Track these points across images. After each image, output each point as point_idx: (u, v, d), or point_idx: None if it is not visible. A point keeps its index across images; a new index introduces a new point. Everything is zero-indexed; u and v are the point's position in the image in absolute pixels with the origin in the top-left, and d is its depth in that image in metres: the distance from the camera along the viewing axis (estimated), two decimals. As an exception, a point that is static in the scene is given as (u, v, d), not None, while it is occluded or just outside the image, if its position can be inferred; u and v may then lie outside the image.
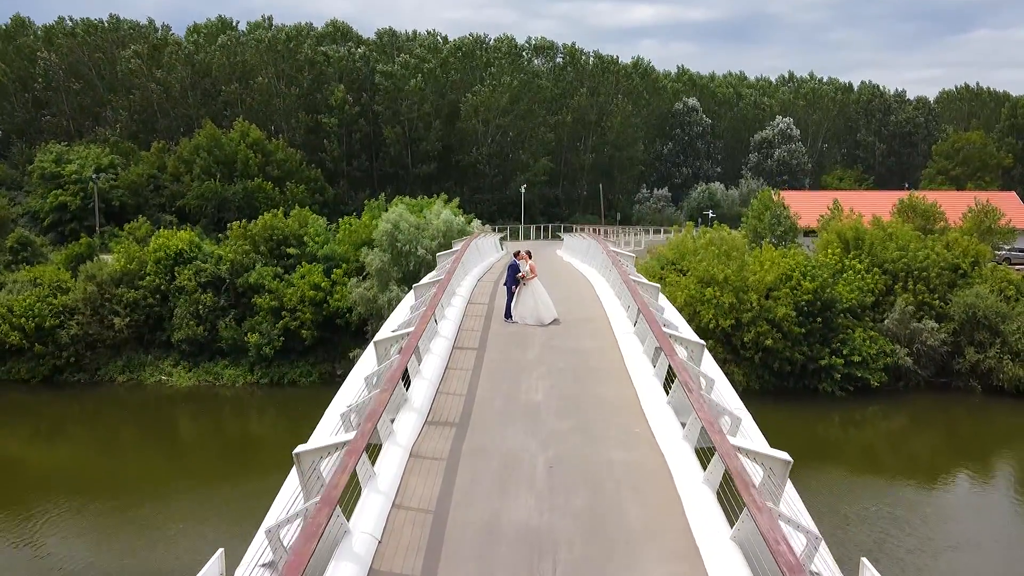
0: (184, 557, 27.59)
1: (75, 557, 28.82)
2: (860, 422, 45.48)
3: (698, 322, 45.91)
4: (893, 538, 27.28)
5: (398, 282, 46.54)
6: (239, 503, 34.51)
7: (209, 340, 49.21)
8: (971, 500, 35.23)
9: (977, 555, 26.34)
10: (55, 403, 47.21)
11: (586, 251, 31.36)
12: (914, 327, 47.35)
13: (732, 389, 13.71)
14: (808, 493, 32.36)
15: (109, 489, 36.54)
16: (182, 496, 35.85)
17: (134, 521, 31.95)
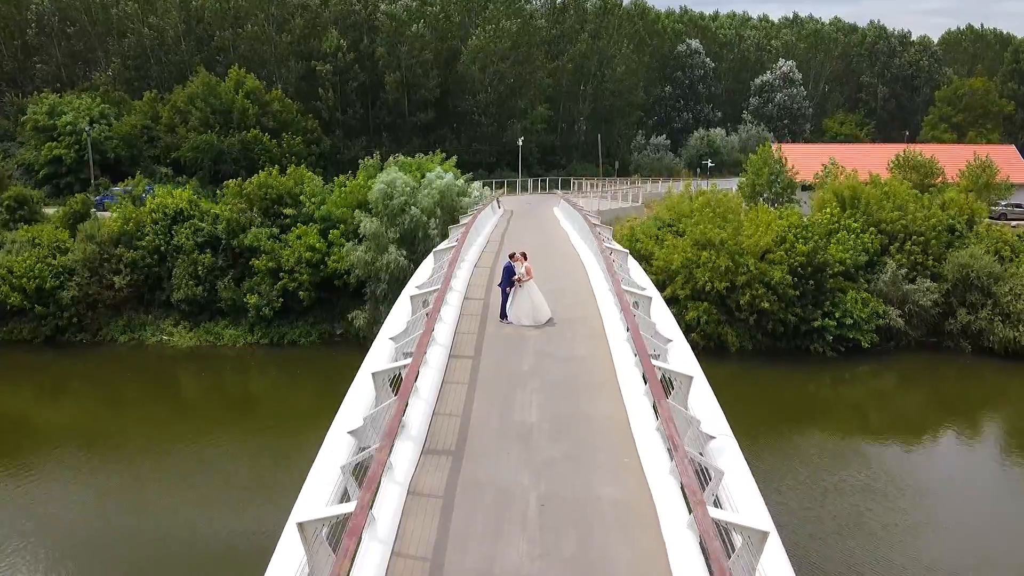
0: (183, 509, 29.16)
1: (79, 508, 30.22)
2: (850, 381, 46.35)
3: (693, 284, 46.49)
4: (870, 512, 28.23)
5: (396, 243, 46.70)
6: (242, 458, 35.92)
7: (209, 300, 49.60)
8: (953, 464, 36.32)
9: (951, 534, 27.33)
10: (58, 363, 47.88)
11: (581, 226, 31.65)
12: (907, 288, 47.83)
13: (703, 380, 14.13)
14: (794, 461, 33.75)
15: (113, 444, 37.74)
16: (185, 451, 36.85)
17: (138, 476, 33.22)
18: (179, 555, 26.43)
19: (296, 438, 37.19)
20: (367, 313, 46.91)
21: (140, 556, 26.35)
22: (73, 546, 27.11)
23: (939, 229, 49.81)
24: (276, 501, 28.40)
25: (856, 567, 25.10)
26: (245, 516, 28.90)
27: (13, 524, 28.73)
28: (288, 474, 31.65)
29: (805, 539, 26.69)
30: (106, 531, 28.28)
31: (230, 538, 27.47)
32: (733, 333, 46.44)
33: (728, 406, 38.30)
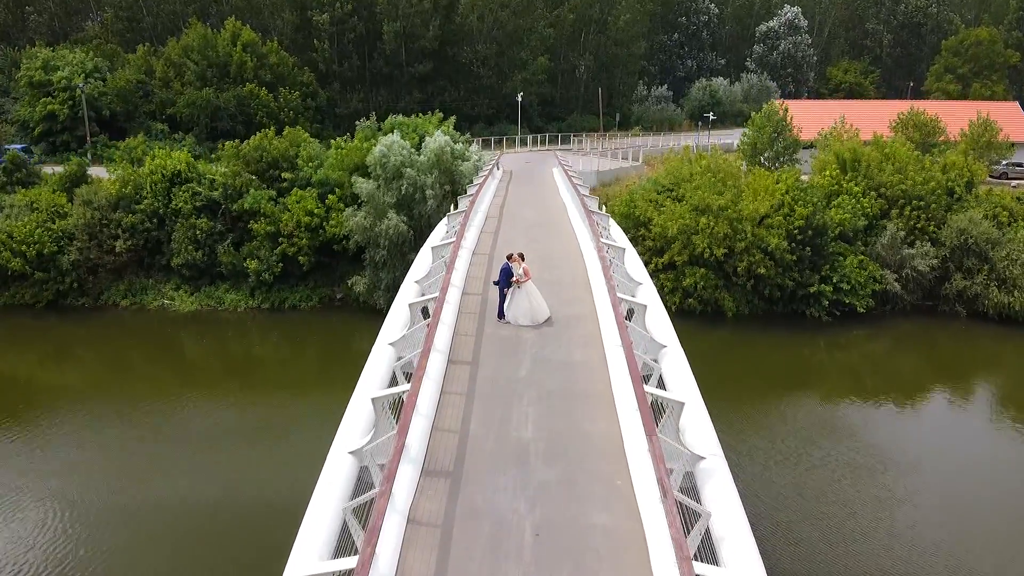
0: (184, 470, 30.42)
1: (86, 463, 31.61)
2: (845, 346, 46.90)
3: (691, 250, 46.70)
4: (853, 487, 28.95)
5: (394, 208, 46.65)
6: (245, 416, 37.20)
7: (209, 265, 49.86)
8: (944, 432, 37.04)
9: (937, 510, 28.10)
10: (61, 327, 48.42)
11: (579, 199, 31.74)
12: (905, 253, 48.02)
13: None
14: (781, 432, 34.45)
15: (118, 404, 38.68)
16: (189, 410, 38.20)
17: (144, 434, 34.42)
18: (173, 511, 27.63)
19: (299, 400, 38.52)
20: (367, 279, 47.20)
21: (136, 517, 27.52)
22: (77, 504, 28.28)
23: (938, 193, 49.76)
24: (278, 466, 30.23)
25: (840, 539, 26.13)
26: (247, 480, 29.80)
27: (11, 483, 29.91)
28: (289, 439, 33.02)
29: (791, 512, 27.72)
30: (109, 491, 29.21)
31: (229, 501, 28.40)
32: (730, 298, 46.86)
33: (722, 373, 39.43)
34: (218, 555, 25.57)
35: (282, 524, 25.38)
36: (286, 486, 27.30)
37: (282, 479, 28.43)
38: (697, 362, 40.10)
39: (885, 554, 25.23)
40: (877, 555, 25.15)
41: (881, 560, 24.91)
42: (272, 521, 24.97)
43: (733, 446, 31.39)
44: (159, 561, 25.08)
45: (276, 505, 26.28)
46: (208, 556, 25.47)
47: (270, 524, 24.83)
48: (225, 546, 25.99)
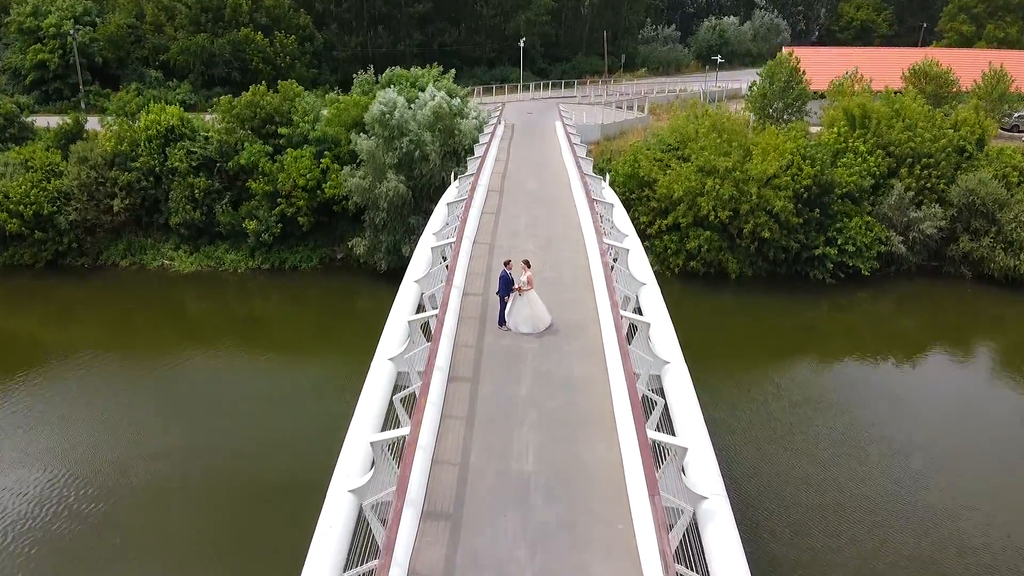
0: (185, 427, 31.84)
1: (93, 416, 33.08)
2: (848, 307, 46.69)
3: (696, 212, 46.11)
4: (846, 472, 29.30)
5: (393, 168, 45.79)
6: (247, 373, 38.09)
7: (207, 224, 49.39)
8: (940, 389, 37.47)
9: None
10: (61, 287, 48.26)
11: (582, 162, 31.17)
12: (912, 216, 47.40)
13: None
14: (783, 401, 34.84)
15: (122, 362, 39.57)
16: (192, 366, 39.00)
17: (145, 391, 35.60)
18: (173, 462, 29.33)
19: (301, 360, 39.31)
20: (367, 241, 46.72)
21: (137, 467, 29.17)
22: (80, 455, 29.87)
23: (948, 151, 48.81)
24: (280, 423, 31.57)
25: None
26: (248, 437, 30.87)
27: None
28: (291, 398, 34.20)
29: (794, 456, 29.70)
30: (113, 444, 30.70)
31: (227, 455, 29.74)
32: (733, 260, 46.45)
33: (725, 336, 39.86)
34: (208, 502, 27.03)
35: (277, 478, 27.60)
36: (286, 442, 29.77)
37: (283, 436, 30.38)
38: (700, 325, 40.91)
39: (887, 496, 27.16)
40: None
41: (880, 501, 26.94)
42: (266, 474, 27.91)
43: (738, 405, 33.45)
44: (158, 508, 26.57)
45: (273, 460, 28.64)
46: (200, 504, 26.87)
47: (264, 476, 27.68)
48: (218, 493, 27.43)
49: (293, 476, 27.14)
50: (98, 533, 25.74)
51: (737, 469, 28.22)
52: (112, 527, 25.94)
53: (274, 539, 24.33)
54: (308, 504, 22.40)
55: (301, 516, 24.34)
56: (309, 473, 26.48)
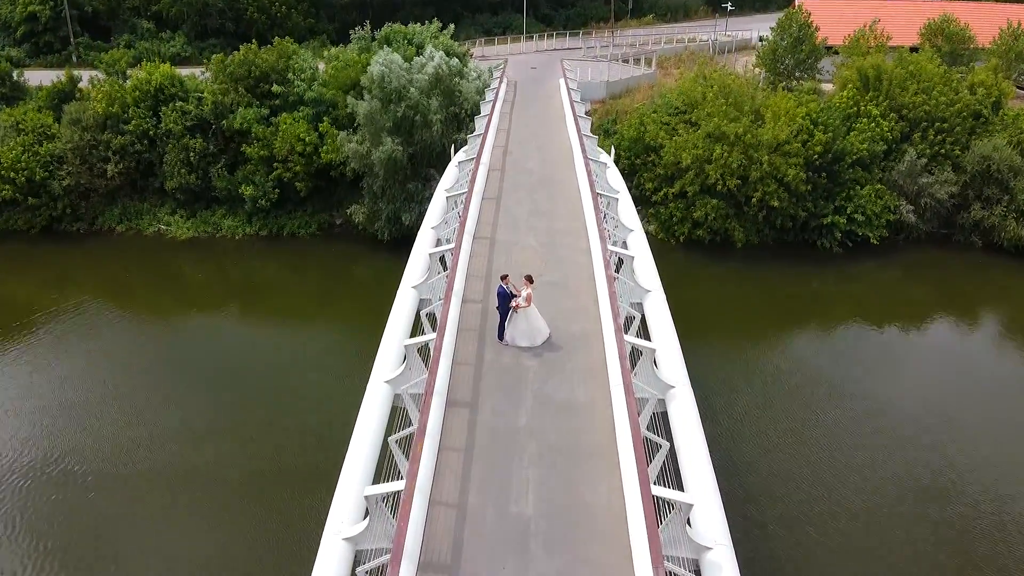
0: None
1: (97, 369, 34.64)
2: (855, 276, 45.89)
3: (703, 180, 45.10)
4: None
5: (391, 132, 44.52)
6: (247, 338, 38.60)
7: (203, 189, 48.48)
8: (944, 355, 37.48)
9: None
10: (58, 253, 47.66)
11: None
12: (923, 181, 46.33)
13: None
14: (785, 359, 34.95)
15: (121, 326, 39.94)
16: (191, 331, 39.61)
17: (147, 351, 36.47)
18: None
19: (301, 327, 39.35)
20: (365, 208, 45.81)
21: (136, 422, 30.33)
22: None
23: (964, 115, 47.42)
24: (280, 387, 32.46)
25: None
26: (249, 402, 31.60)
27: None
28: (292, 361, 35.01)
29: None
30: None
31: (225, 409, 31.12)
32: (740, 228, 45.55)
33: (728, 307, 40.11)
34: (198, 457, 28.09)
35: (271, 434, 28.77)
36: (287, 406, 30.77)
37: (284, 400, 31.24)
38: (704, 295, 40.76)
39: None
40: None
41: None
42: (259, 428, 29.22)
43: (743, 374, 33.98)
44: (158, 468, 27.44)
45: (274, 425, 29.56)
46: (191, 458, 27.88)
47: (255, 431, 28.95)
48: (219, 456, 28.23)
49: (294, 444, 28.18)
50: (94, 491, 26.58)
51: (740, 438, 29.06)
52: (111, 487, 26.68)
53: (274, 502, 25.37)
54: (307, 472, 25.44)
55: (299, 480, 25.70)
56: (309, 443, 28.12)
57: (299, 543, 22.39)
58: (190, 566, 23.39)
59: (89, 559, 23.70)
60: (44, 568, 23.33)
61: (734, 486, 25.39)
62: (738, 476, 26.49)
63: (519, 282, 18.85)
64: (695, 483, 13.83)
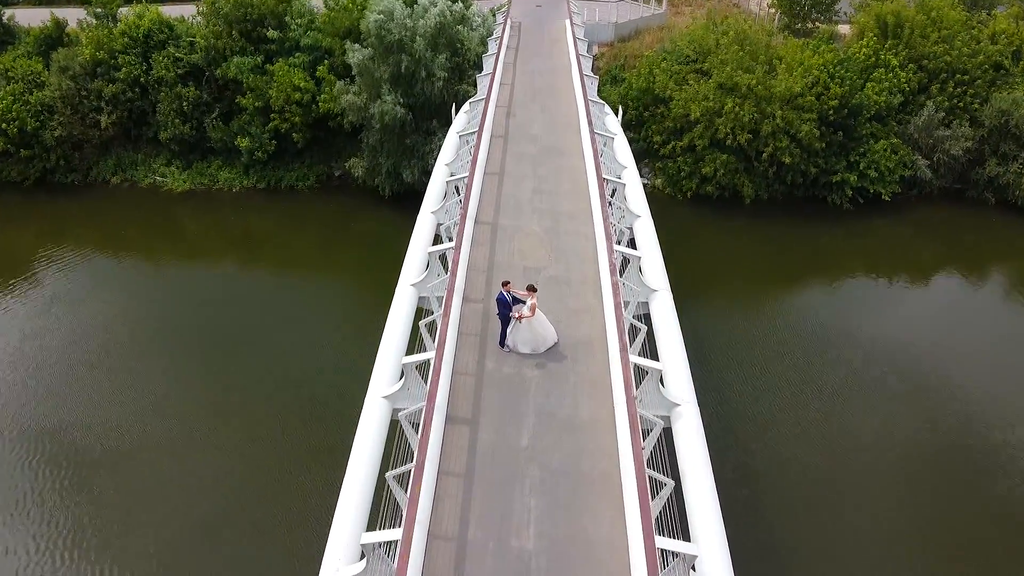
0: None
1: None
2: (864, 233, 45.01)
3: (713, 134, 43.77)
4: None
5: (389, 84, 42.93)
6: (247, 290, 38.74)
7: (198, 139, 47.22)
8: (950, 310, 37.54)
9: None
10: (53, 205, 46.83)
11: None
12: (937, 135, 44.93)
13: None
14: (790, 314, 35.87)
15: (120, 276, 40.16)
16: (190, 283, 39.73)
17: (146, 300, 37.41)
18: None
19: (302, 281, 39.24)
20: (364, 161, 44.61)
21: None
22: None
23: (985, 68, 45.64)
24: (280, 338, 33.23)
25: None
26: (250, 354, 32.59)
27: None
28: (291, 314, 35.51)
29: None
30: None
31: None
32: (749, 184, 44.40)
33: (735, 263, 40.44)
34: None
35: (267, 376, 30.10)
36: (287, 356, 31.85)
37: (284, 352, 32.24)
38: (711, 252, 40.16)
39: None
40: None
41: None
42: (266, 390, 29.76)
43: (747, 330, 34.45)
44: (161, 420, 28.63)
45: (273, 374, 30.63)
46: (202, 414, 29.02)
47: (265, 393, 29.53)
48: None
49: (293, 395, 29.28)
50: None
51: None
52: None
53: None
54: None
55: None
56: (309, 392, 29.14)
57: (289, 482, 24.62)
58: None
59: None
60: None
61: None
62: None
63: (519, 284, 18.21)
64: (701, 527, 13.47)
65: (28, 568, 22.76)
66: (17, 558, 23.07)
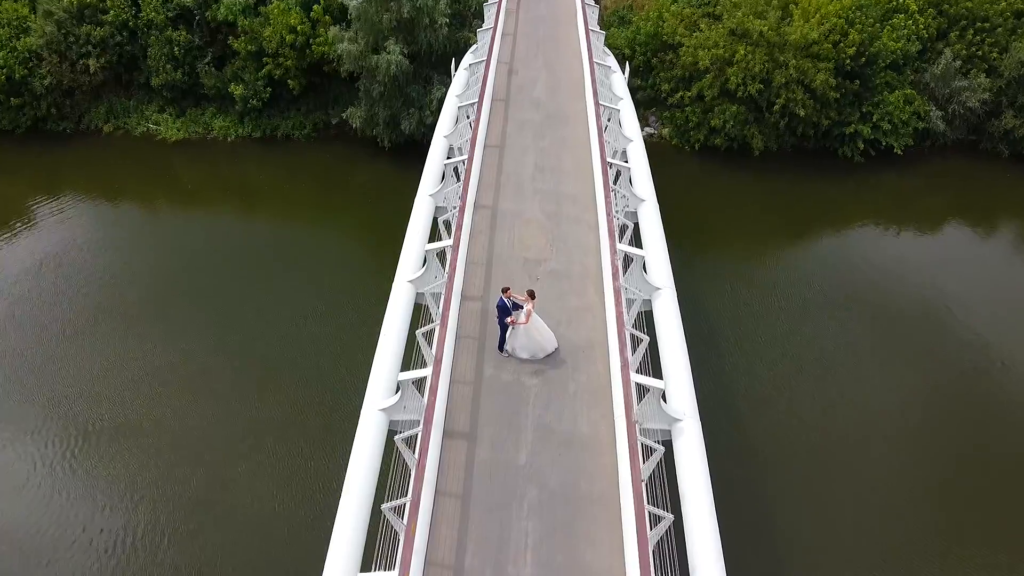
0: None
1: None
2: (875, 186, 44.08)
3: (723, 83, 42.36)
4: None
5: (391, 33, 41.23)
6: (245, 238, 38.76)
7: (191, 86, 45.82)
8: (958, 263, 37.23)
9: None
10: (46, 154, 45.80)
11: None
12: (955, 85, 43.44)
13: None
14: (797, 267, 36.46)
15: (118, 224, 40.05)
16: (188, 228, 39.75)
17: (144, 248, 37.69)
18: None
19: (301, 232, 39.01)
20: (362, 111, 43.29)
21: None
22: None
23: (1006, 15, 43.75)
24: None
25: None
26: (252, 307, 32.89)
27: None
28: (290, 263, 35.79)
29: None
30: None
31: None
32: (759, 135, 43.17)
33: (742, 214, 40.50)
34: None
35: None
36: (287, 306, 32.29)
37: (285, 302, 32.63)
38: (717, 204, 40.85)
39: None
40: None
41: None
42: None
43: (750, 280, 34.74)
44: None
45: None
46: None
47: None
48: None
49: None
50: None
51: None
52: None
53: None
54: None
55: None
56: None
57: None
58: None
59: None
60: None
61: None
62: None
63: (520, 278, 17.70)
64: (700, 556, 13.35)
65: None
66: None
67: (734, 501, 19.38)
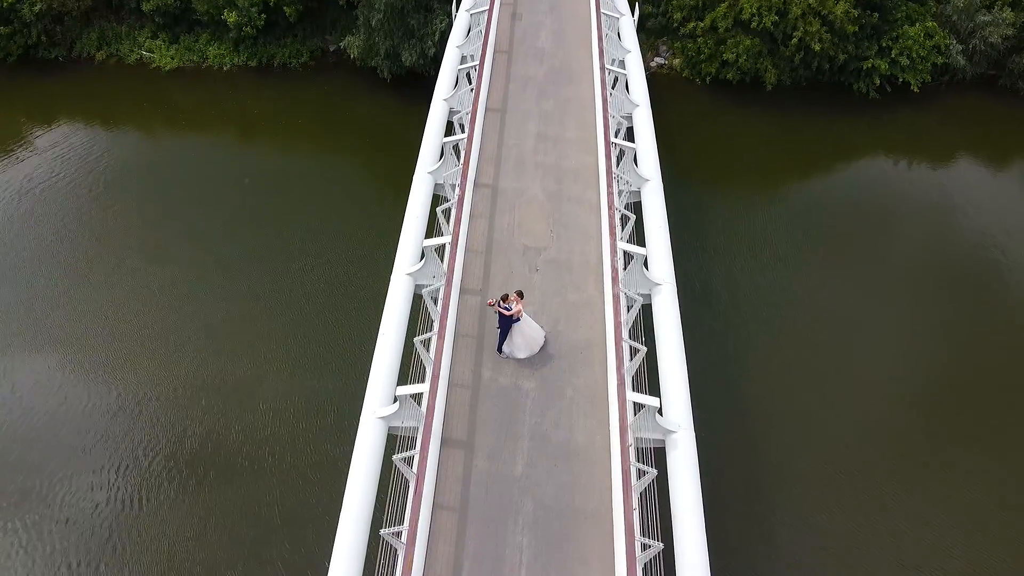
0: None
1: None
2: (889, 123, 42.95)
3: (737, 13, 40.63)
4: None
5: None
6: (245, 168, 39.03)
7: (183, 10, 44.14)
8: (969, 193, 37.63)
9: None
10: (39, 84, 44.70)
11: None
12: (979, 20, 41.63)
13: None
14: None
15: (117, 153, 40.17)
16: (188, 158, 39.84)
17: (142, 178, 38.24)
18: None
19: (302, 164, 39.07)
20: (360, 40, 41.74)
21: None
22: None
23: (1039, -57, 41.41)
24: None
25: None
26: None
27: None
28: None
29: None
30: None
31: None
32: (772, 69, 41.66)
33: (753, 150, 40.45)
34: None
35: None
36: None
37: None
38: (727, 143, 40.75)
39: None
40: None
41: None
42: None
43: (758, 214, 35.38)
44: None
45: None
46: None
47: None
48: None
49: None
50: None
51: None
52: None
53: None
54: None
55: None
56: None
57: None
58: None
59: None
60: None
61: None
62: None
63: (519, 272, 17.58)
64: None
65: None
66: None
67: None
